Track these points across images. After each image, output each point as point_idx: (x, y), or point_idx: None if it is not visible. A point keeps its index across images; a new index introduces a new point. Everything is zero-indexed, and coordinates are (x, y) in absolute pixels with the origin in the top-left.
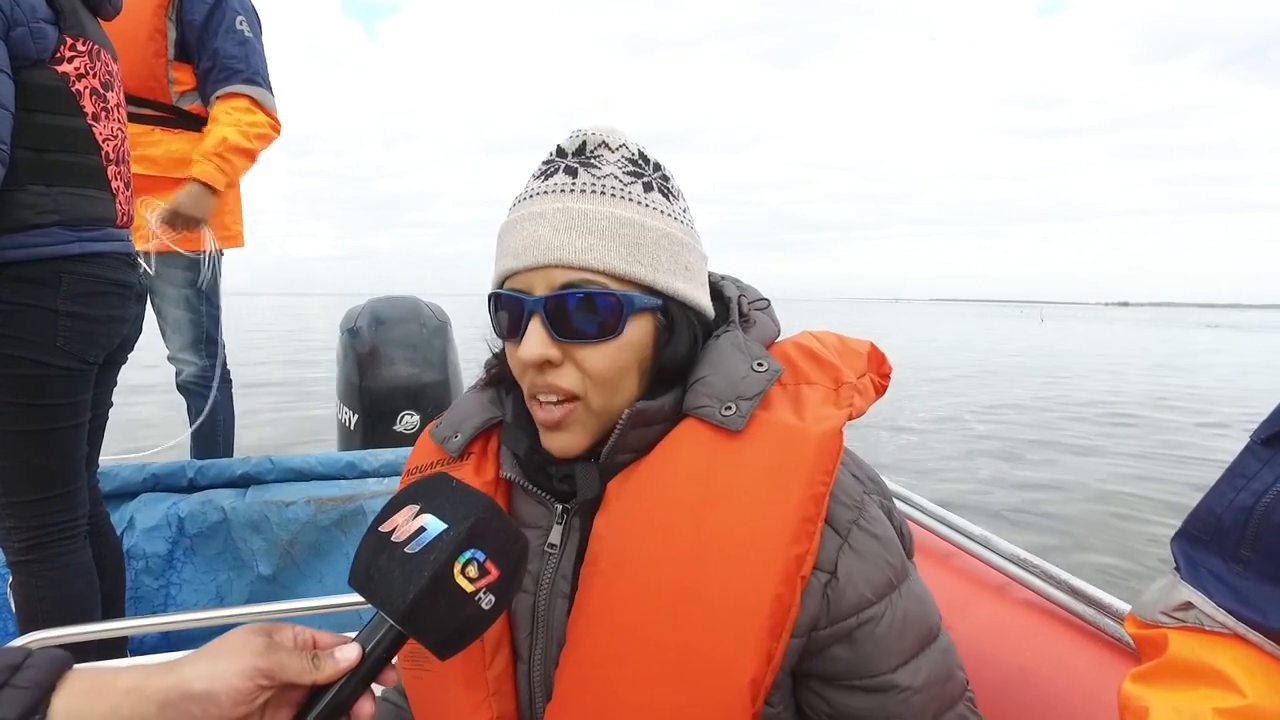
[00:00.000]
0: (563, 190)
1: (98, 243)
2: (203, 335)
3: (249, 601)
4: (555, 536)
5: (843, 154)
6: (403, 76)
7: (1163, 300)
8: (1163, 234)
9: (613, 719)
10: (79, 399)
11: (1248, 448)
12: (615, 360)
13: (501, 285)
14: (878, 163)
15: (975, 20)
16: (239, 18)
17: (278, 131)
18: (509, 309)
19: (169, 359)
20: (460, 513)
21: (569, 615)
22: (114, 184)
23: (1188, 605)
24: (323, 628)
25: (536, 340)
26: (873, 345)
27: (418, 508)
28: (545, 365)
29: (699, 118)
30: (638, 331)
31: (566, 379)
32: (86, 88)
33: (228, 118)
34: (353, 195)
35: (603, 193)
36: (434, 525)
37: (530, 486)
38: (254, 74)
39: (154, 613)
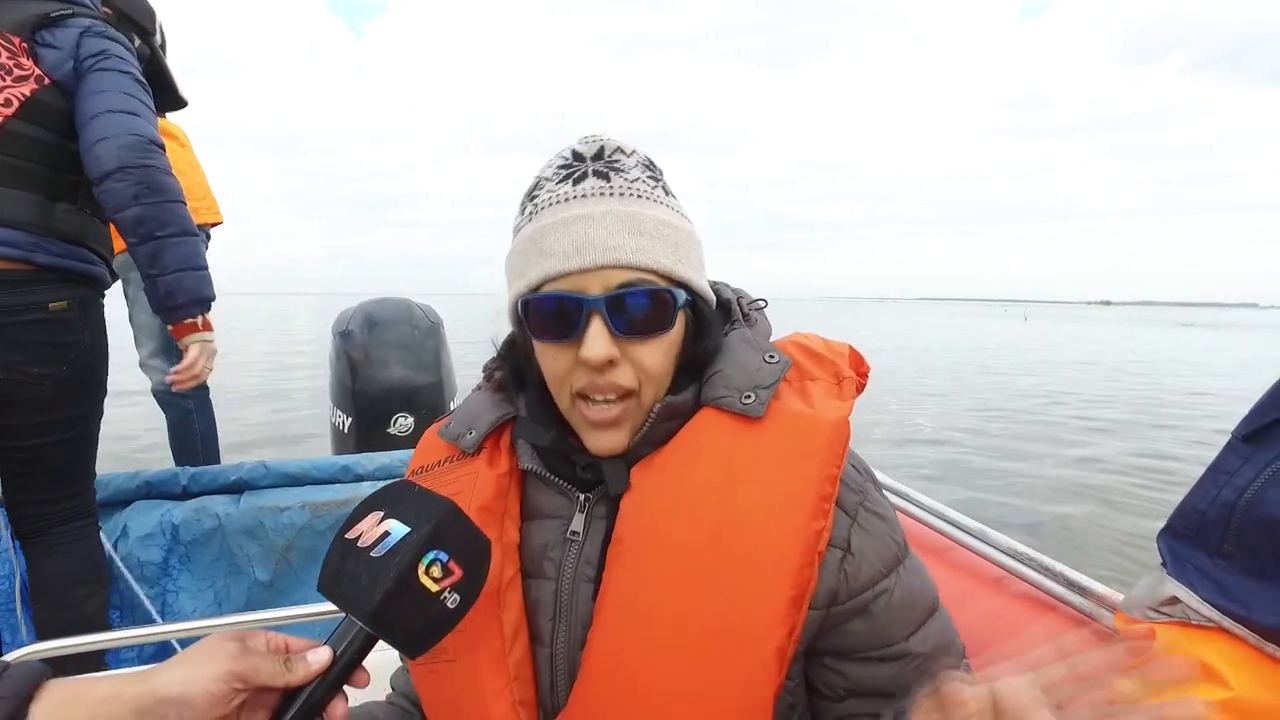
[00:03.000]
0: (602, 194)
1: None
2: (170, 341)
3: (247, 608)
4: (578, 524)
5: (831, 154)
6: (390, 76)
7: (1144, 299)
8: (1145, 233)
9: (642, 694)
10: None
11: (1229, 445)
12: (667, 355)
13: (537, 289)
14: (866, 163)
15: (959, 22)
16: None
17: None
18: (562, 310)
19: (139, 365)
20: (423, 516)
21: (594, 599)
22: None
23: (1174, 600)
24: (322, 634)
25: (600, 340)
26: (851, 347)
27: (382, 514)
28: (607, 365)
29: (689, 118)
30: (678, 326)
31: (624, 376)
32: None
33: None
34: (340, 195)
35: (639, 196)
36: (398, 529)
37: (551, 477)
38: None
39: (151, 621)
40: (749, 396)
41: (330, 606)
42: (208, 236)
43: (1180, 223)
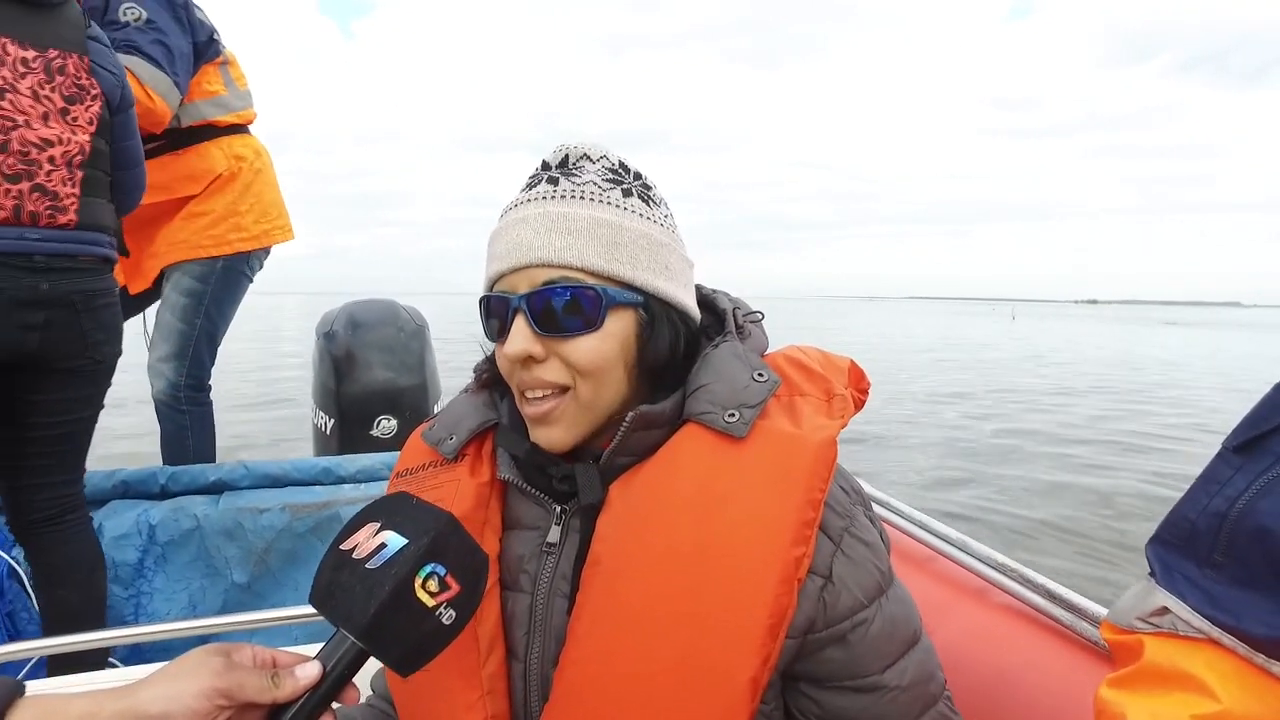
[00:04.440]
0: (545, 197)
1: None
2: (188, 349)
3: (223, 610)
4: (554, 537)
5: (821, 154)
6: (379, 75)
7: (1131, 298)
8: (1132, 233)
9: (613, 716)
10: None
11: (1219, 455)
12: (597, 352)
13: (490, 290)
14: (855, 163)
15: (949, 23)
16: (124, 6)
17: (144, 104)
18: (496, 310)
19: (147, 367)
20: (421, 528)
21: (569, 614)
22: None
23: (1164, 610)
24: (299, 637)
25: (520, 336)
26: (853, 362)
27: (378, 525)
28: (529, 361)
29: (679, 118)
30: (619, 326)
31: (552, 372)
32: None
33: None
34: (328, 193)
35: (582, 197)
36: (395, 541)
37: (528, 487)
38: (131, 47)
39: (124, 623)
40: (733, 415)
41: (307, 610)
42: (267, 252)
43: (1166, 222)
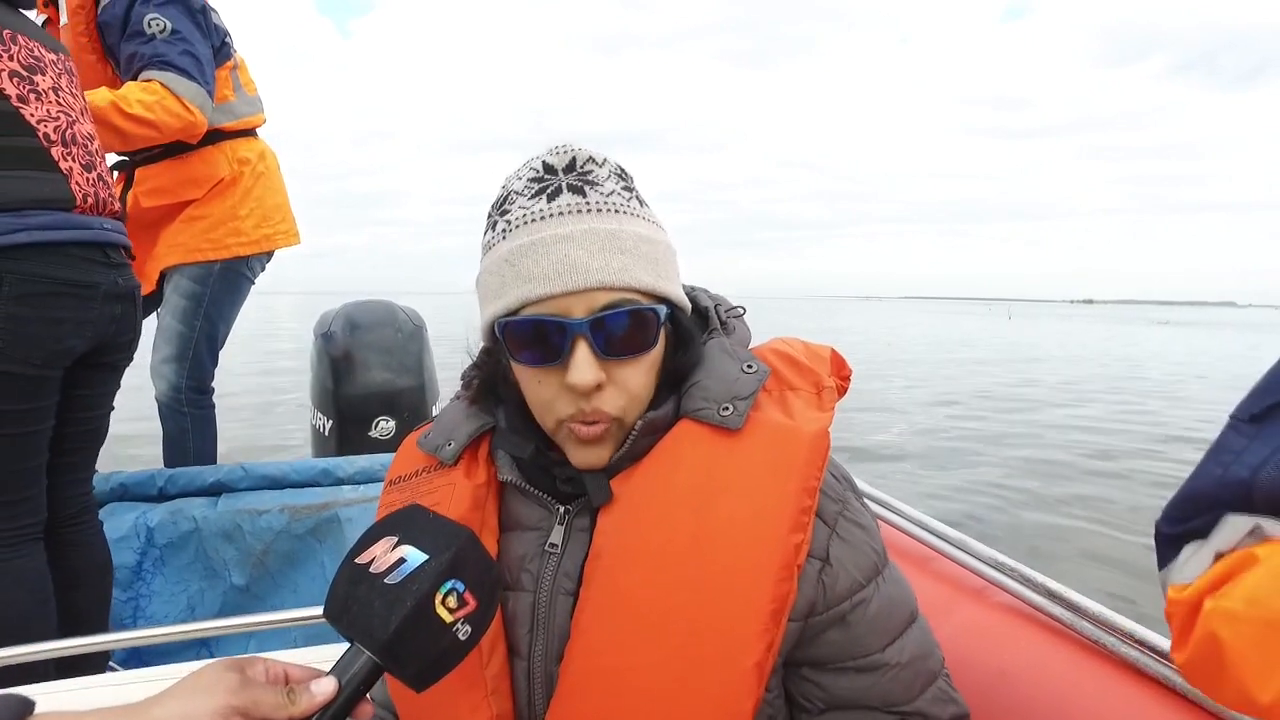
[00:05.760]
0: (578, 210)
1: (50, 230)
2: (188, 351)
3: (221, 613)
4: (556, 536)
5: (815, 154)
6: (375, 75)
7: (1126, 298)
8: (1126, 232)
9: (620, 707)
10: (27, 406)
11: (1230, 426)
12: (649, 375)
13: (516, 311)
14: (849, 162)
15: (944, 24)
16: (148, 18)
17: (184, 118)
18: (545, 335)
19: (150, 369)
20: (440, 543)
21: (572, 612)
22: (63, 165)
23: (1254, 531)
24: (298, 640)
25: (588, 365)
26: (833, 350)
27: (396, 539)
28: (593, 389)
29: (672, 117)
30: (660, 342)
31: (609, 403)
32: (3, 70)
33: (127, 89)
34: (323, 193)
35: (617, 210)
36: (414, 556)
37: (530, 488)
38: (162, 61)
39: (123, 626)
40: (727, 408)
41: (305, 612)
42: (269, 255)
43: (1161, 222)
